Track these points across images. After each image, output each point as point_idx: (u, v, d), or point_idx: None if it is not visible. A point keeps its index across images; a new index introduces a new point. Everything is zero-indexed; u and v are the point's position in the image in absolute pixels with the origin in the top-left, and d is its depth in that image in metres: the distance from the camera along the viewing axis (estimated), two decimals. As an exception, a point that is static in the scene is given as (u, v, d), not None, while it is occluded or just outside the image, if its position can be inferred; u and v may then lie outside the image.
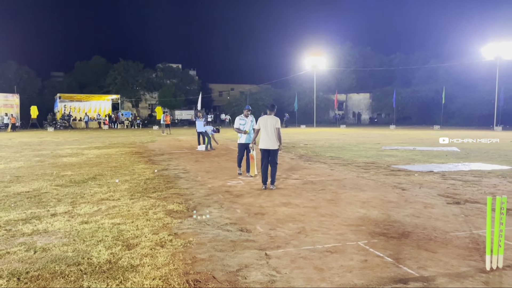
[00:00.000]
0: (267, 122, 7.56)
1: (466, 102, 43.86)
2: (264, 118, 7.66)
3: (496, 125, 35.41)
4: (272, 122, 7.52)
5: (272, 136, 7.49)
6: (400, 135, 26.87)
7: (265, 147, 7.58)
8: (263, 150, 7.64)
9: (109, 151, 15.71)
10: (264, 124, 7.58)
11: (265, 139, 7.55)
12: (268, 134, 7.51)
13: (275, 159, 7.60)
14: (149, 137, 26.08)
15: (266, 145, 7.56)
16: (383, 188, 7.67)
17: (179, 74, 61.97)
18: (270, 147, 7.53)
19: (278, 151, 7.61)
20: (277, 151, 7.59)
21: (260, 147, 7.68)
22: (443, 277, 3.47)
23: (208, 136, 15.90)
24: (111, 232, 4.74)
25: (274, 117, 7.62)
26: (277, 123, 7.52)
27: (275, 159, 7.61)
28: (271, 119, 7.58)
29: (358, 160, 12.35)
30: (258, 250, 4.14)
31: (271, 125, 7.51)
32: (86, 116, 45.23)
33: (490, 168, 10.22)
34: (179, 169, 10.43)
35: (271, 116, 7.64)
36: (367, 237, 4.59)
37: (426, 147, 16.83)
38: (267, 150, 7.59)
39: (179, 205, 6.16)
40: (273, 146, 7.52)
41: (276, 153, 7.60)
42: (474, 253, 4.06)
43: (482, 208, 5.95)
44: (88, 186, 7.94)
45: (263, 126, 7.57)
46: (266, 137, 7.53)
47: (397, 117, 49.52)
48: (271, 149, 7.55)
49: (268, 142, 7.53)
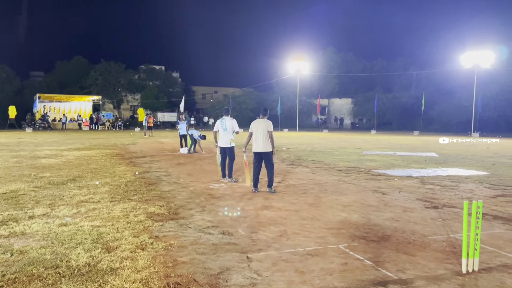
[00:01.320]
0: (259, 125, 7.60)
1: (445, 109, 44.79)
2: (257, 122, 7.72)
3: (474, 131, 36.25)
4: (265, 126, 7.55)
5: (264, 139, 7.51)
6: (381, 140, 27.25)
7: (257, 150, 7.62)
8: (255, 153, 7.68)
9: (90, 152, 15.48)
10: (256, 127, 7.62)
11: (257, 142, 7.59)
12: (260, 137, 7.55)
13: (270, 162, 7.60)
14: (131, 139, 25.80)
15: (258, 148, 7.60)
16: (363, 192, 7.77)
17: (162, 76, 61.53)
18: (262, 149, 7.55)
19: (271, 153, 7.61)
20: (270, 154, 7.59)
21: (252, 150, 7.72)
22: (421, 279, 3.54)
23: (193, 139, 15.81)
24: (90, 235, 4.68)
25: (267, 121, 7.66)
26: (269, 127, 7.56)
27: (271, 161, 7.61)
28: (263, 122, 7.62)
29: (340, 164, 12.47)
30: (239, 253, 4.14)
31: (263, 128, 7.54)
32: (64, 117, 44.41)
33: (468, 174, 10.46)
34: (160, 172, 10.36)
35: (264, 120, 7.69)
36: (348, 240, 4.64)
37: (406, 152, 17.12)
38: (259, 153, 7.61)
39: (160, 208, 6.11)
40: (265, 148, 7.54)
41: (270, 155, 7.60)
42: (451, 256, 4.15)
43: (459, 212, 6.09)
44: (68, 188, 7.81)
45: (255, 130, 7.62)
46: (258, 140, 7.57)
47: (378, 123, 50.17)
48: (263, 152, 7.56)
49: (260, 145, 7.56)
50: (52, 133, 34.51)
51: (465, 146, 21.64)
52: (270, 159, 7.60)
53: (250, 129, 7.75)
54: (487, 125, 39.04)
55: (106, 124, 46.23)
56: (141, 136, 29.05)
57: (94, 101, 50.26)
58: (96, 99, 50.68)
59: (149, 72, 60.60)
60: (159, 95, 56.91)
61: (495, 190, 8.09)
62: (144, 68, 60.98)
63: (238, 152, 10.19)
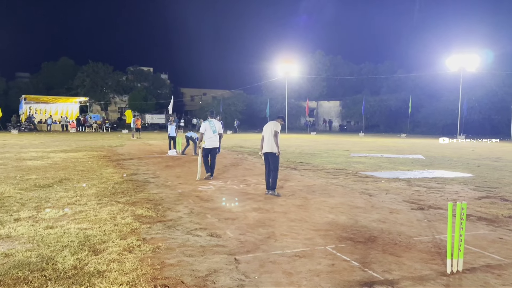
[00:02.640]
0: (268, 127, 7.69)
1: (431, 112, 45.41)
2: (267, 124, 7.81)
3: (459, 134, 36.79)
4: (272, 128, 7.60)
5: (270, 140, 7.56)
6: (369, 142, 27.49)
7: (264, 150, 7.70)
8: (263, 154, 7.75)
9: (76, 154, 15.32)
10: (265, 129, 7.71)
11: (265, 143, 7.67)
12: (266, 138, 7.63)
13: (275, 163, 7.61)
14: (118, 141, 25.60)
15: (264, 148, 7.67)
16: (351, 194, 7.84)
17: (150, 77, 61.20)
18: (268, 150, 7.60)
19: (276, 155, 7.59)
20: (275, 156, 7.58)
21: (262, 151, 7.78)
22: (406, 280, 3.59)
23: (192, 140, 15.77)
24: (77, 237, 4.64)
25: (275, 122, 7.72)
26: (275, 127, 7.60)
27: (275, 163, 7.61)
28: (272, 124, 7.68)
29: (328, 166, 12.55)
30: (227, 255, 4.15)
31: (270, 130, 7.59)
32: (50, 119, 43.83)
33: (453, 176, 10.62)
34: (148, 174, 10.30)
35: (273, 122, 7.76)
36: (335, 242, 4.68)
37: (393, 154, 17.29)
38: (266, 154, 7.67)
39: (148, 210, 6.08)
40: (271, 149, 7.56)
41: (275, 157, 7.59)
42: (436, 257, 4.22)
43: (445, 213, 6.18)
44: (54, 190, 7.73)
45: (264, 132, 7.70)
46: (265, 141, 7.65)
47: (366, 125, 50.64)
48: (269, 153, 7.60)
49: (266, 146, 7.63)
50: (38, 135, 34.06)
51: (452, 148, 21.94)
52: (275, 161, 7.60)
53: (263, 132, 7.82)
54: (472, 127, 39.70)
55: (94, 126, 45.77)
56: (129, 138, 28.84)
57: (81, 102, 49.75)
58: (83, 101, 50.18)
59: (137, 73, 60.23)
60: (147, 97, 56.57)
61: (480, 192, 8.23)
62: (132, 69, 60.60)
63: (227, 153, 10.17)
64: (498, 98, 40.01)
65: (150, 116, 53.93)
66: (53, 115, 45.38)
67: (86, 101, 50.43)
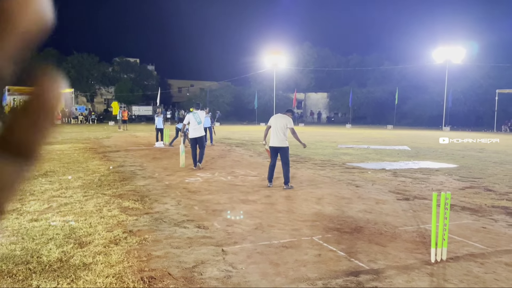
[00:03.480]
0: (278, 120, 7.60)
1: (417, 103, 45.83)
2: (276, 117, 7.74)
3: (445, 125, 37.26)
4: (284, 122, 7.54)
5: (282, 135, 7.50)
6: (356, 134, 27.68)
7: (273, 145, 7.63)
8: (271, 148, 7.69)
9: (62, 147, 15.11)
10: (274, 122, 7.63)
11: (274, 137, 7.60)
12: (277, 132, 7.55)
13: (285, 158, 7.56)
14: (105, 133, 25.32)
15: (274, 143, 7.60)
16: (338, 185, 7.90)
17: (136, 68, 60.43)
18: (278, 145, 7.54)
19: (287, 149, 7.58)
20: (286, 150, 7.56)
21: (269, 145, 7.73)
22: (391, 269, 3.64)
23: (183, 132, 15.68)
24: (62, 230, 4.59)
25: (286, 117, 7.67)
26: (289, 123, 7.56)
27: (286, 158, 7.57)
28: (282, 118, 7.62)
29: (315, 158, 12.61)
30: (215, 246, 4.16)
31: (282, 124, 7.53)
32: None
33: (438, 166, 10.76)
34: (135, 166, 10.23)
35: (283, 116, 7.70)
36: (322, 232, 4.72)
37: (379, 146, 17.45)
38: (276, 148, 7.61)
39: (135, 202, 6.05)
40: (282, 144, 7.52)
41: (286, 151, 7.56)
42: (420, 246, 4.28)
43: (430, 204, 6.25)
44: (39, 183, 7.62)
45: (274, 125, 7.62)
46: (275, 135, 7.58)
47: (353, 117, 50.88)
48: (280, 147, 7.55)
49: (276, 141, 7.56)
50: (22, 126, 33.47)
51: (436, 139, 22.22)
52: (286, 155, 7.57)
53: (269, 123, 7.77)
54: (457, 119, 40.20)
55: (79, 117, 45.18)
56: (115, 130, 28.54)
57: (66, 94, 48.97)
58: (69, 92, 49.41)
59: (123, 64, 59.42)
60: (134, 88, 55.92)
61: (464, 182, 8.36)
62: (118, 60, 59.73)
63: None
64: (482, 90, 40.56)
65: (136, 108, 53.36)
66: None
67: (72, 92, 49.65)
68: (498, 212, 5.82)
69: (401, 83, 49.37)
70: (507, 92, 37.20)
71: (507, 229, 4.98)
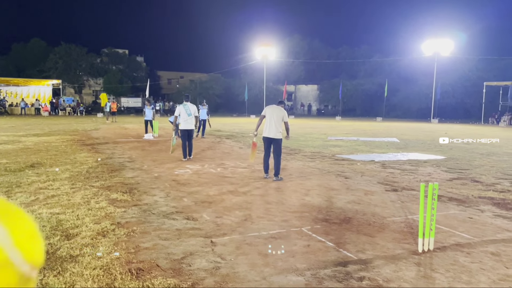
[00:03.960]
0: (274, 112, 7.57)
1: (406, 96, 46.14)
2: (271, 107, 7.70)
3: (433, 117, 37.60)
4: (280, 114, 7.53)
5: (277, 126, 7.49)
6: (345, 126, 27.79)
7: (268, 135, 7.59)
8: (265, 139, 7.65)
9: (49, 138, 14.92)
10: (270, 113, 7.58)
11: (268, 128, 7.56)
12: (273, 123, 7.51)
13: (278, 150, 7.58)
14: (93, 124, 25.06)
15: (269, 134, 7.56)
16: (327, 177, 7.93)
17: (125, 60, 59.73)
18: (273, 136, 7.52)
19: (281, 141, 7.59)
20: (280, 141, 7.57)
21: (263, 135, 7.69)
22: (379, 259, 3.67)
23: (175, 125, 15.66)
24: (49, 222, 4.54)
25: (282, 109, 7.65)
26: (284, 116, 7.55)
27: (279, 149, 7.59)
28: (278, 110, 7.59)
29: (305, 149, 12.64)
30: (203, 238, 4.14)
31: (277, 115, 7.50)
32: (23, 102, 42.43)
33: (426, 158, 10.86)
34: (124, 158, 10.14)
35: (279, 107, 7.67)
36: (311, 223, 4.73)
37: (368, 137, 17.55)
38: (270, 139, 7.58)
39: (123, 194, 6.00)
40: (275, 135, 7.51)
41: (280, 143, 7.58)
42: (408, 236, 4.32)
43: (417, 195, 6.31)
44: (25, 175, 7.52)
45: (269, 115, 7.58)
46: (271, 126, 7.54)
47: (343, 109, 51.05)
48: (274, 138, 7.53)
49: (271, 132, 7.53)
50: (9, 118, 32.99)
51: (425, 132, 22.42)
52: (279, 147, 7.59)
53: (263, 113, 7.72)
54: (445, 111, 40.61)
55: (67, 109, 44.57)
56: (104, 122, 28.27)
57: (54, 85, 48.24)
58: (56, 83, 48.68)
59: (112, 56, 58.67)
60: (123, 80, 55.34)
61: (451, 174, 8.45)
62: (106, 51, 58.95)
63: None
64: (470, 83, 40.95)
65: (125, 100, 52.83)
66: (25, 98, 43.90)
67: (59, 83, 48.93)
68: (484, 203, 5.90)
69: (391, 75, 49.59)
70: (495, 85, 37.64)
71: (493, 219, 5.05)
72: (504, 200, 6.08)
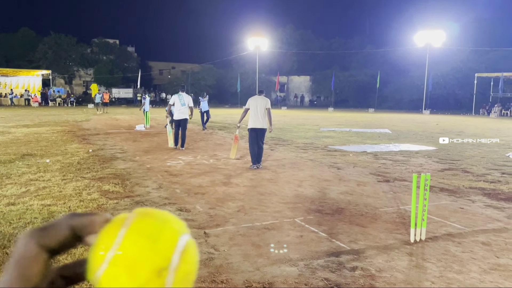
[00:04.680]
0: (258, 102, 7.58)
1: (398, 87, 46.31)
2: (254, 98, 7.72)
3: (425, 108, 37.81)
4: (263, 103, 7.57)
5: (263, 116, 7.55)
6: (338, 117, 27.85)
7: (255, 126, 7.60)
8: (252, 130, 7.66)
9: (40, 129, 14.76)
10: (254, 104, 7.60)
11: (254, 119, 7.59)
12: (257, 114, 7.55)
13: (263, 139, 7.73)
14: (84, 115, 24.83)
15: (256, 124, 7.58)
16: (320, 168, 7.95)
17: (116, 50, 59.06)
18: (259, 126, 7.56)
19: (265, 131, 7.68)
20: (264, 131, 7.66)
21: (249, 127, 7.70)
22: (372, 249, 3.69)
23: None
24: (40, 214, 4.50)
25: (264, 98, 7.69)
26: (267, 104, 7.60)
27: (263, 138, 7.74)
28: (261, 99, 7.62)
29: (298, 141, 12.65)
30: (197, 229, 4.14)
31: (261, 105, 7.55)
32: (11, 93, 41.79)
33: (418, 149, 10.94)
34: (116, 149, 10.07)
35: (261, 97, 7.71)
36: (303, 214, 4.75)
37: (361, 129, 17.61)
38: (256, 130, 7.60)
39: (115, 186, 5.96)
40: (262, 125, 7.57)
41: (264, 133, 7.68)
42: (400, 227, 4.35)
43: (409, 185, 6.36)
44: (15, 166, 7.43)
45: (254, 107, 7.59)
46: (255, 117, 7.57)
47: (335, 100, 51.12)
48: (260, 129, 7.57)
49: (257, 122, 7.57)
50: (-2, 109, 32.57)
51: (417, 123, 22.55)
52: (263, 136, 7.73)
53: (247, 105, 7.75)
54: (437, 102, 40.86)
55: (58, 100, 44.05)
56: (95, 113, 28.01)
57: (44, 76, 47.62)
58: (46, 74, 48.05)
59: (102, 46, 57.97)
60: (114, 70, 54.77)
61: (443, 164, 8.52)
62: (97, 41, 58.23)
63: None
64: (462, 74, 41.19)
65: (116, 91, 52.36)
66: (14, 89, 43.29)
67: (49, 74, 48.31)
68: (475, 193, 5.96)
69: (383, 66, 49.68)
70: (486, 76, 37.89)
71: (484, 210, 5.10)
72: (494, 191, 6.15)
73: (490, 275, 3.23)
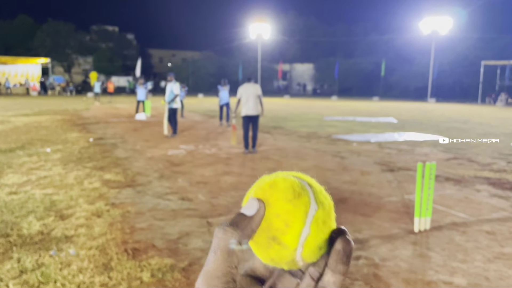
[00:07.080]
0: (249, 90, 7.63)
1: (403, 75, 45.94)
2: (245, 86, 7.76)
3: (430, 97, 37.54)
4: (254, 90, 7.65)
5: (256, 103, 7.67)
6: (342, 106, 27.71)
7: (248, 113, 7.69)
8: (246, 117, 7.74)
9: (39, 118, 14.72)
10: (246, 92, 7.63)
11: (248, 107, 7.67)
12: (251, 101, 7.63)
13: (257, 125, 7.89)
14: (83, 104, 24.78)
15: (250, 111, 7.67)
16: (323, 157, 7.89)
17: (115, 37, 58.62)
18: (253, 113, 7.67)
19: (259, 117, 7.83)
20: (258, 117, 7.81)
21: (243, 114, 7.76)
22: (376, 239, 3.65)
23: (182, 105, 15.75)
24: (42, 203, 4.47)
25: (255, 85, 7.77)
26: (258, 90, 7.69)
27: (258, 124, 7.90)
28: (252, 87, 7.68)
29: (301, 130, 12.58)
30: (199, 218, 4.11)
31: (253, 92, 7.62)
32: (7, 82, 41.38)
33: (423, 138, 10.85)
34: (116, 138, 10.03)
35: (252, 84, 7.77)
36: (307, 203, 4.70)
37: (365, 117, 17.51)
38: (251, 117, 7.71)
39: (117, 175, 5.93)
40: (256, 112, 7.70)
41: (258, 119, 7.82)
42: (404, 216, 4.31)
43: (414, 174, 6.28)
44: (16, 155, 7.40)
45: (246, 94, 7.63)
46: (250, 104, 7.65)
47: (339, 88, 50.86)
48: (255, 116, 7.71)
49: (252, 109, 7.66)
50: None
51: (422, 111, 22.41)
52: (258, 122, 7.88)
53: (239, 95, 7.80)
54: (442, 91, 40.53)
55: (57, 89, 43.81)
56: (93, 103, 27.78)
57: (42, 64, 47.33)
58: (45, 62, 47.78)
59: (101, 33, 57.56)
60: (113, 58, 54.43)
61: (448, 154, 8.45)
62: (96, 29, 57.81)
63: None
64: (468, 62, 40.72)
65: (116, 79, 52.11)
66: (12, 77, 43.06)
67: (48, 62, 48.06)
68: (480, 182, 5.90)
69: (388, 54, 49.23)
70: (493, 64, 37.39)
71: (489, 199, 5.05)
72: (499, 180, 6.09)
73: (494, 264, 3.19)
